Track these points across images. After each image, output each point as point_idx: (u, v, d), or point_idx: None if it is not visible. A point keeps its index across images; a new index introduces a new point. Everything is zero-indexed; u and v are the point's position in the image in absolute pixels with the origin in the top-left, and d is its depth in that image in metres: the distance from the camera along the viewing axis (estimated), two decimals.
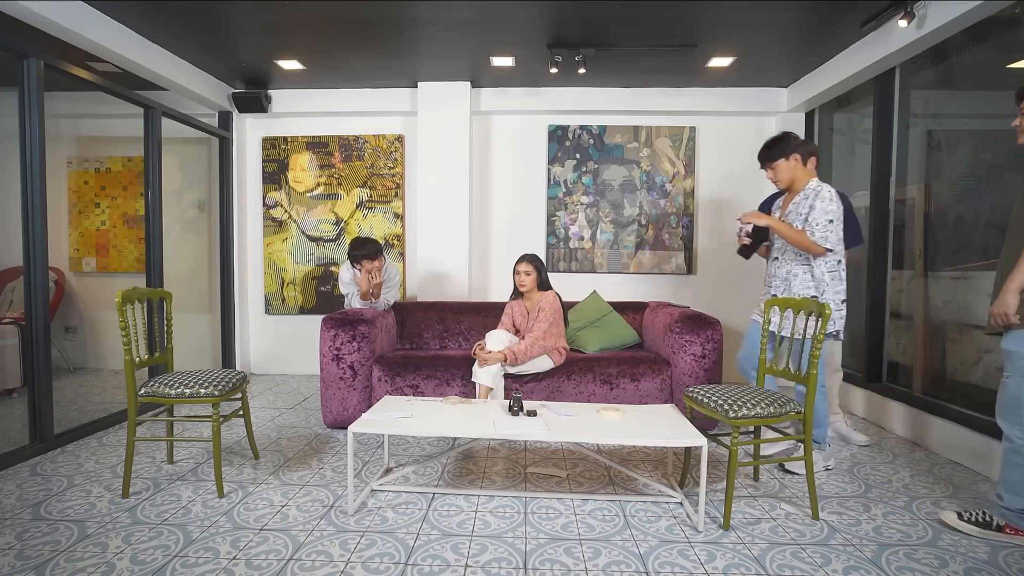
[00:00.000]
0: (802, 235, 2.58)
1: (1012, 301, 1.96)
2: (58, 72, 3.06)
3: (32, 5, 2.77)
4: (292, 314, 4.92)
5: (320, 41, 3.73)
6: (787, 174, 2.70)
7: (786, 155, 2.67)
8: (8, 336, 3.94)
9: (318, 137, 4.81)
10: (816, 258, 2.61)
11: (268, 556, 1.94)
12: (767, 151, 2.74)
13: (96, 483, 2.56)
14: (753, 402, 2.23)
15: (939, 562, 1.95)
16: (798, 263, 2.67)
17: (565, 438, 2.27)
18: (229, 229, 4.73)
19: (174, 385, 2.41)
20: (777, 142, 2.71)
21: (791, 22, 3.36)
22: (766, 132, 4.69)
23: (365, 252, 3.59)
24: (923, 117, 3.48)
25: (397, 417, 2.40)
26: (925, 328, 3.37)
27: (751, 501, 2.44)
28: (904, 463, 2.90)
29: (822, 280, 2.61)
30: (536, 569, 1.88)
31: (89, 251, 4.96)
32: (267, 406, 3.93)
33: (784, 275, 2.72)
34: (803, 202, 2.65)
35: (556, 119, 4.74)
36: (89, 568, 1.85)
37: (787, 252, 2.72)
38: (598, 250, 4.76)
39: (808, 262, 2.64)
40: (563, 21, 3.40)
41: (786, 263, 2.72)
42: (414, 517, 2.25)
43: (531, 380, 3.28)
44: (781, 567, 1.91)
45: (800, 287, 2.65)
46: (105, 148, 4.97)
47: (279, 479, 2.63)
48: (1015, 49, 2.83)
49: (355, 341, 3.31)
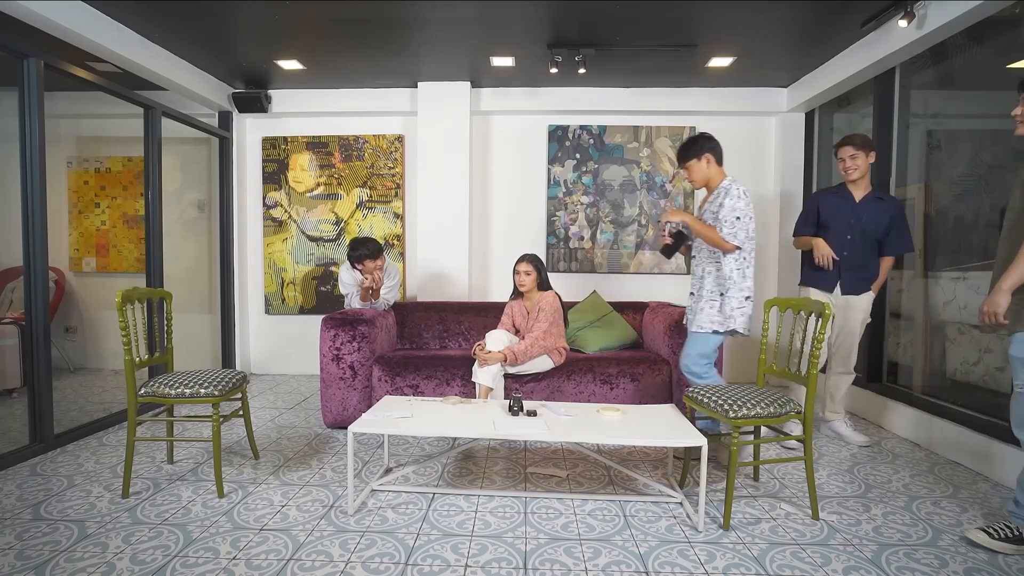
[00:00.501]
0: (713, 232, 2.61)
1: (1003, 301, 1.92)
2: (58, 72, 3.06)
3: (32, 5, 2.77)
4: (292, 314, 4.92)
5: (320, 41, 3.73)
6: (699, 174, 2.73)
7: (698, 156, 2.70)
8: (8, 336, 3.94)
9: (318, 137, 4.81)
10: (725, 255, 2.63)
11: (268, 556, 1.94)
12: (681, 153, 2.77)
13: (96, 483, 2.56)
14: (753, 402, 2.23)
15: (939, 562, 1.95)
16: (710, 261, 2.71)
17: (565, 438, 2.27)
18: (229, 229, 4.73)
19: (174, 385, 2.41)
20: (691, 144, 2.73)
21: (791, 22, 3.36)
22: (766, 132, 4.72)
23: (367, 251, 3.58)
24: (923, 117, 3.48)
25: (397, 417, 2.40)
26: (925, 328, 3.37)
27: (751, 501, 2.44)
28: (904, 463, 2.90)
29: (729, 277, 2.63)
30: (536, 569, 1.88)
31: (89, 251, 4.96)
32: (267, 406, 3.93)
33: (700, 273, 2.76)
34: (715, 200, 2.68)
35: (556, 119, 4.74)
36: (89, 568, 1.85)
37: (702, 251, 2.76)
38: (598, 250, 4.76)
39: (718, 260, 2.67)
40: (563, 21, 3.40)
41: (702, 262, 2.76)
42: (414, 517, 2.25)
43: (531, 380, 3.28)
44: (781, 567, 1.91)
45: (712, 284, 2.69)
46: (105, 148, 4.97)
47: (279, 479, 2.63)
48: (1015, 49, 2.83)
49: (355, 341, 3.31)
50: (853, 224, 3.04)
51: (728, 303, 2.64)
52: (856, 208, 3.04)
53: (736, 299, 2.64)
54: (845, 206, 3.07)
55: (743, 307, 2.64)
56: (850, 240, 3.04)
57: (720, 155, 2.73)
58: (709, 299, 2.68)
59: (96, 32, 3.18)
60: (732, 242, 2.59)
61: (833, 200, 3.12)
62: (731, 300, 2.63)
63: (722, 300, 2.66)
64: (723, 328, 2.66)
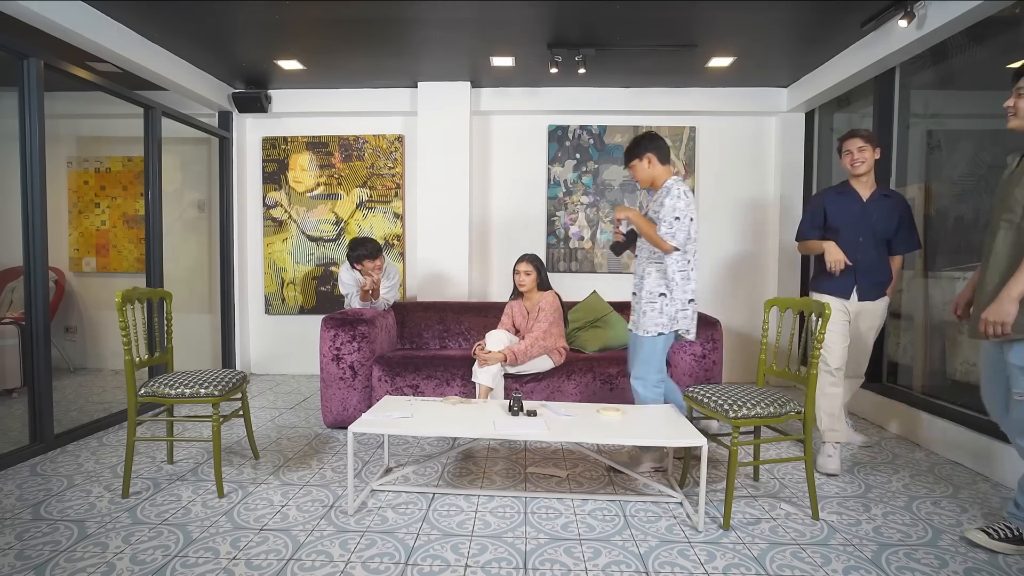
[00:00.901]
0: (653, 231, 2.57)
1: (1011, 310, 1.78)
2: (58, 72, 3.06)
3: (32, 5, 2.77)
4: (292, 314, 4.92)
5: (320, 41, 3.73)
6: (642, 174, 2.69)
7: (639, 156, 2.67)
8: (8, 336, 3.94)
9: (318, 137, 4.81)
10: (667, 256, 2.58)
11: (268, 556, 1.94)
12: (626, 154, 2.75)
13: (96, 483, 2.56)
14: (753, 402, 2.23)
15: (939, 562, 1.95)
16: (651, 261, 2.65)
17: (565, 438, 2.27)
18: (229, 229, 4.73)
19: (174, 385, 2.41)
20: (634, 144, 2.70)
21: (791, 22, 3.36)
22: (766, 132, 4.72)
23: (366, 251, 3.58)
24: (923, 117, 3.48)
25: (397, 417, 2.39)
26: (925, 328, 3.37)
27: (751, 501, 2.44)
28: (904, 463, 2.90)
29: (672, 279, 2.58)
30: (536, 569, 1.88)
31: (89, 251, 4.96)
32: (267, 406, 3.93)
33: (641, 273, 2.70)
34: (657, 199, 2.64)
35: (556, 119, 4.74)
36: (89, 568, 1.85)
37: (643, 250, 2.72)
38: (598, 250, 4.76)
39: (660, 260, 2.61)
40: (563, 21, 3.40)
41: (642, 262, 2.71)
42: (414, 517, 2.25)
43: (531, 380, 3.28)
44: (781, 567, 1.91)
45: (652, 285, 2.62)
46: (105, 148, 4.97)
47: (279, 479, 2.63)
48: (1015, 49, 2.83)
49: (355, 341, 3.31)
50: (864, 225, 2.83)
51: (672, 305, 2.58)
52: (866, 207, 2.84)
53: (679, 301, 2.58)
54: (854, 206, 2.86)
55: (686, 310, 2.59)
56: (862, 243, 2.83)
57: (664, 154, 2.67)
58: (649, 300, 2.61)
59: (96, 32, 3.18)
60: (670, 242, 2.53)
61: (840, 200, 2.90)
62: (674, 303, 2.57)
63: (662, 302, 2.59)
64: (668, 330, 2.59)
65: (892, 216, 2.85)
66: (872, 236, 2.84)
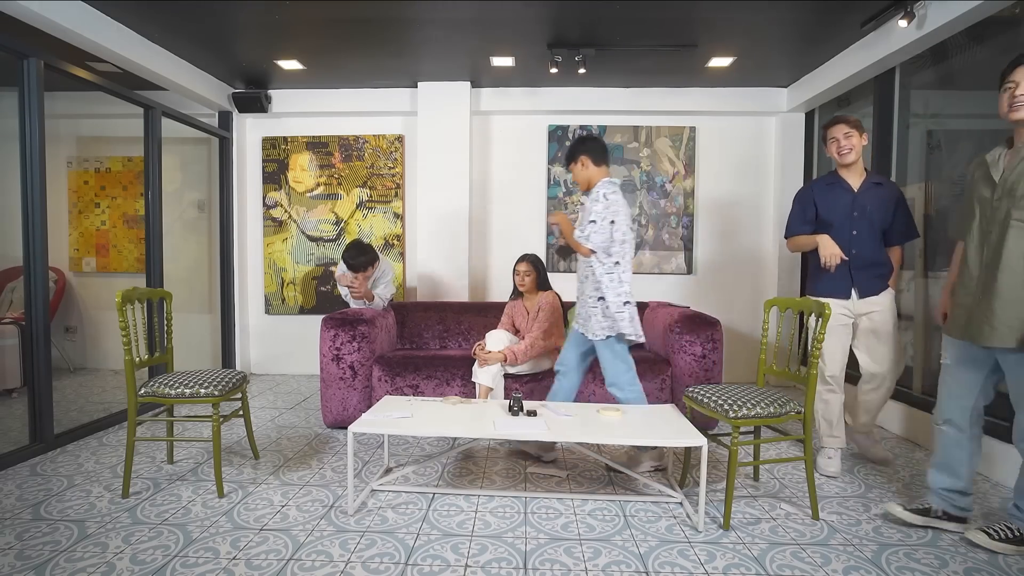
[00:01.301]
0: (571, 234, 2.58)
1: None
2: (58, 72, 3.06)
3: (32, 5, 2.77)
4: (292, 314, 4.92)
5: (320, 41, 3.73)
6: (579, 176, 2.70)
7: (574, 159, 2.68)
8: (8, 336, 3.94)
9: (318, 137, 4.81)
10: (592, 260, 2.57)
11: (268, 556, 1.94)
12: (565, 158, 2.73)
13: (96, 483, 2.56)
14: (753, 402, 2.23)
15: (939, 562, 1.95)
16: (586, 264, 2.64)
17: (565, 438, 2.27)
18: (229, 229, 4.73)
19: (174, 385, 2.41)
20: (570, 148, 2.71)
21: (791, 22, 3.36)
22: (766, 132, 4.72)
23: (353, 264, 3.59)
24: (923, 117, 3.48)
25: (397, 417, 2.39)
26: (925, 328, 3.37)
27: (751, 501, 2.44)
28: (904, 463, 2.90)
29: (602, 282, 2.57)
30: (536, 569, 1.88)
31: (89, 251, 4.96)
32: (267, 406, 3.93)
33: (581, 277, 2.69)
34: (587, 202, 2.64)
35: (556, 119, 4.74)
36: (89, 568, 1.85)
37: None
38: None
39: (590, 264, 2.60)
40: (563, 21, 3.40)
41: (581, 265, 2.70)
42: (414, 517, 2.25)
43: (531, 380, 3.28)
44: (781, 567, 1.91)
45: (589, 288, 2.62)
46: (105, 148, 4.97)
47: (279, 479, 2.63)
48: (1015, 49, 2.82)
49: (355, 341, 3.31)
50: (857, 216, 2.68)
51: (609, 307, 2.56)
52: (857, 198, 2.68)
53: (614, 304, 2.55)
54: (845, 197, 2.70)
55: (622, 312, 2.56)
56: (856, 235, 2.67)
57: (598, 156, 2.66)
58: (590, 304, 2.60)
59: (96, 32, 3.18)
60: (585, 245, 2.51)
61: (830, 191, 2.74)
62: (610, 305, 2.55)
63: (602, 306, 2.57)
64: (613, 332, 2.57)
65: (886, 205, 2.69)
66: (868, 228, 2.68)
